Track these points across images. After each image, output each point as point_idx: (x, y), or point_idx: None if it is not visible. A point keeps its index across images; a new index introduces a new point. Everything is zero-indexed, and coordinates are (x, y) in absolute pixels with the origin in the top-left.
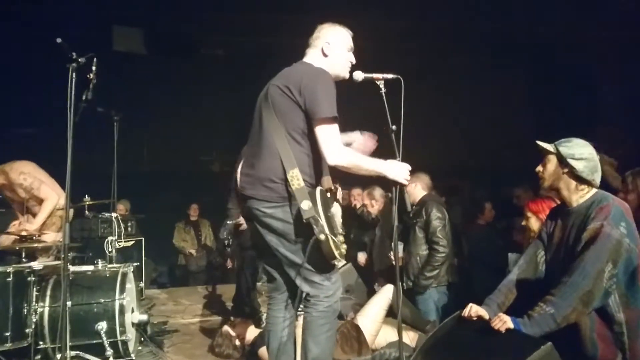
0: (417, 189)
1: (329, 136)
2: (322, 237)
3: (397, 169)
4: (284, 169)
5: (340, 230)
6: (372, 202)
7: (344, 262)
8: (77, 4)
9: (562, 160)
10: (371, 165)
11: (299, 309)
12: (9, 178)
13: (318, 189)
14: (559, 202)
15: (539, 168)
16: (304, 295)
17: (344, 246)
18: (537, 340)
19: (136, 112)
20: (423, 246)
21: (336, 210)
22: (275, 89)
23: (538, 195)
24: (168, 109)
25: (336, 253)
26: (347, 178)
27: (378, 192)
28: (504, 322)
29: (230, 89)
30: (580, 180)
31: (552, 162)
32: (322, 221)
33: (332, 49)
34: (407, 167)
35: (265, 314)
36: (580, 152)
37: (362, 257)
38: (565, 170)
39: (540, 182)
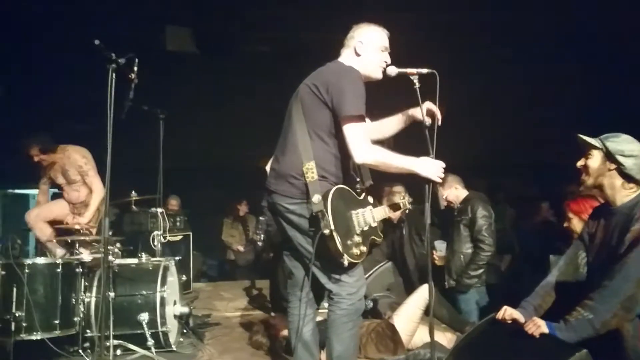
0: (459, 190)
1: (355, 134)
2: (326, 232)
3: (429, 166)
4: (303, 163)
5: (358, 231)
6: None
7: (350, 260)
8: (129, 4)
9: (609, 157)
10: (401, 163)
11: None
12: (69, 157)
13: (337, 186)
14: (602, 201)
15: (581, 163)
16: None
17: (362, 248)
18: (571, 346)
19: (185, 109)
20: (467, 244)
21: (377, 214)
22: (305, 87)
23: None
24: (216, 106)
25: (342, 250)
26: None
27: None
28: (538, 327)
29: (276, 85)
30: (628, 178)
31: (596, 158)
32: (329, 216)
33: (365, 49)
34: (440, 165)
35: None
36: (631, 148)
37: None
38: (613, 167)
39: (582, 178)
